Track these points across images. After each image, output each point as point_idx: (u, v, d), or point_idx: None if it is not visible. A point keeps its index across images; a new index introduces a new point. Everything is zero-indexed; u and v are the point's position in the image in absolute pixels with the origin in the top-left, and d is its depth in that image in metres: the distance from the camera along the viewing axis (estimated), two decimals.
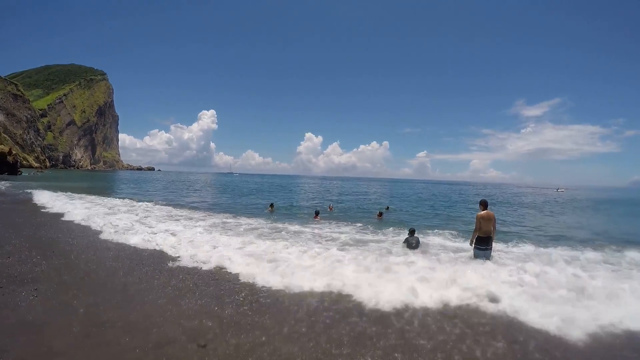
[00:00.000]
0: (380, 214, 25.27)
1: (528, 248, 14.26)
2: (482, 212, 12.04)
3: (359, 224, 19.90)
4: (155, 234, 14.72)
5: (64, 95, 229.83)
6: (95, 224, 16.75)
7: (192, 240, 13.45)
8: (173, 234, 14.67)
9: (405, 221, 22.74)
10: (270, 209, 27.46)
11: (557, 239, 17.57)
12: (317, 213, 24.07)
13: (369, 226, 19.10)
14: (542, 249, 14.03)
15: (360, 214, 28.49)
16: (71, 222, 17.68)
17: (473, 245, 12.34)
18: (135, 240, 13.54)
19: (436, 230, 18.06)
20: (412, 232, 14.39)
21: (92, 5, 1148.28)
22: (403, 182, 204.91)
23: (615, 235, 20.10)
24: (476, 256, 12.26)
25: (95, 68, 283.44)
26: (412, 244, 13.70)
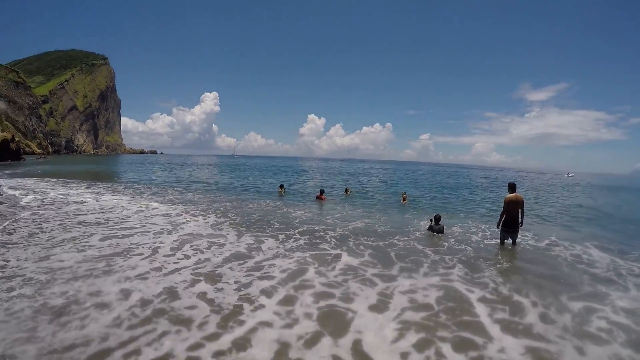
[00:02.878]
0: (405, 197, 24.89)
1: None
2: (511, 195, 12.13)
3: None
4: None
5: (66, 81, 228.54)
6: None
7: None
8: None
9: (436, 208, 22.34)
10: (280, 190, 27.15)
11: None
12: (322, 192, 24.15)
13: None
14: None
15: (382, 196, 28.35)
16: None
17: (500, 227, 12.50)
18: None
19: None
20: (437, 220, 14.28)
21: None
22: (408, 164, 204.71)
23: None
24: (502, 238, 12.56)
25: (97, 53, 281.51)
26: (436, 231, 13.97)
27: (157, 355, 5.18)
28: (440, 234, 13.85)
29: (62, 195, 22.13)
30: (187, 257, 10.15)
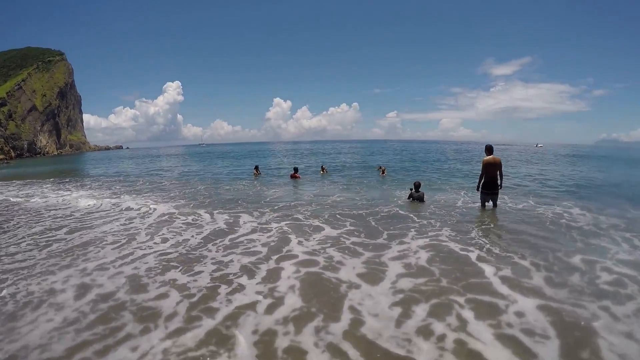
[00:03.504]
0: (384, 170, 25.21)
1: None
2: (488, 157, 12.07)
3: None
4: None
5: (23, 80, 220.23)
6: None
7: None
8: None
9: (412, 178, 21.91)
10: (255, 172, 26.24)
11: None
12: (295, 170, 23.70)
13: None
14: None
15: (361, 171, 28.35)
16: None
17: (479, 189, 12.47)
18: None
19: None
20: (417, 187, 14.21)
21: None
22: (377, 142, 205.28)
23: None
24: (483, 200, 12.56)
25: (53, 49, 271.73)
26: (417, 198, 13.86)
27: None
28: (420, 202, 13.74)
29: (26, 193, 21.12)
30: (164, 240, 9.68)
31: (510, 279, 6.46)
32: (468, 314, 5.24)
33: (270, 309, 5.54)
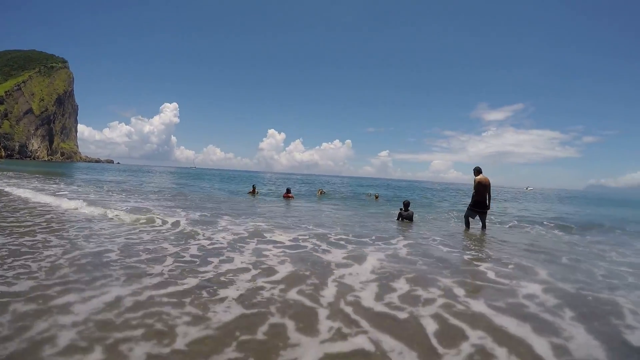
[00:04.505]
0: (377, 196, 26.18)
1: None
2: (480, 177, 12.25)
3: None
4: None
5: (23, 82, 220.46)
6: None
7: None
8: None
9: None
10: (252, 191, 25.36)
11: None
12: (288, 190, 23.65)
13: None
14: None
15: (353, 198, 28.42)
16: None
17: (468, 206, 12.59)
18: None
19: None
20: (406, 206, 14.05)
21: None
22: (367, 180, 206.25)
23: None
24: (469, 216, 12.61)
25: (56, 55, 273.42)
26: (406, 217, 13.74)
27: None
28: (410, 221, 13.58)
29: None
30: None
31: (511, 276, 6.50)
32: (458, 290, 5.43)
33: (260, 275, 5.81)
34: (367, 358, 3.35)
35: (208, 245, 7.70)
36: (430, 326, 4.08)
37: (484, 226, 12.38)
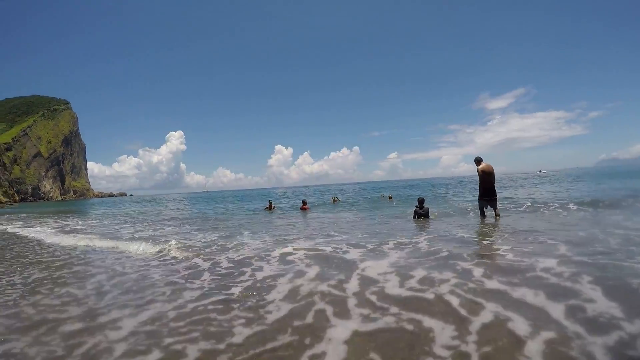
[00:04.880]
0: (390, 197, 27.14)
1: None
2: (482, 165, 12.43)
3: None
4: None
5: (28, 127, 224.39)
6: None
7: None
8: None
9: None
10: (269, 207, 25.28)
11: None
12: (304, 202, 23.93)
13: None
14: None
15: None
16: None
17: (479, 196, 12.83)
18: None
19: None
20: (421, 203, 14.03)
21: (49, 29, 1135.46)
22: (380, 183, 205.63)
23: None
24: (481, 206, 12.86)
25: (58, 97, 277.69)
26: (422, 214, 13.71)
27: None
28: (426, 218, 13.55)
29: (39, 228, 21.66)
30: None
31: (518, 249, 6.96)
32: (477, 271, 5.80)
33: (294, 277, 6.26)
34: (404, 332, 3.75)
35: (237, 257, 8.11)
36: (455, 301, 4.49)
37: (497, 213, 12.51)
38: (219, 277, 6.46)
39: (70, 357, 3.70)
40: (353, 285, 5.44)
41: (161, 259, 8.68)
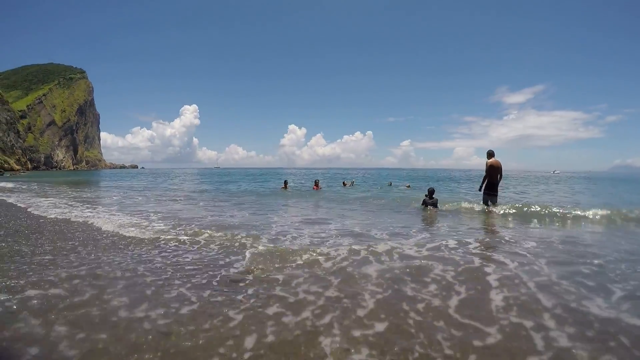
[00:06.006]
0: (408, 186, 28.25)
1: None
2: (491, 160, 12.89)
3: None
4: None
5: (44, 95, 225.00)
6: None
7: None
8: None
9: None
10: (284, 186, 26.07)
11: None
12: (316, 183, 25.46)
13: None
14: None
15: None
16: None
17: (482, 190, 13.41)
18: None
19: None
20: (431, 193, 14.32)
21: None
22: (390, 170, 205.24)
23: None
24: (484, 201, 13.45)
25: (74, 66, 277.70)
26: (430, 204, 14.01)
27: None
28: (434, 208, 13.87)
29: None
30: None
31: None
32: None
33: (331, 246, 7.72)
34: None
35: (277, 231, 9.41)
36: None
37: (494, 204, 13.27)
38: (267, 245, 7.88)
39: None
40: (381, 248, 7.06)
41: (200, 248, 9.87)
